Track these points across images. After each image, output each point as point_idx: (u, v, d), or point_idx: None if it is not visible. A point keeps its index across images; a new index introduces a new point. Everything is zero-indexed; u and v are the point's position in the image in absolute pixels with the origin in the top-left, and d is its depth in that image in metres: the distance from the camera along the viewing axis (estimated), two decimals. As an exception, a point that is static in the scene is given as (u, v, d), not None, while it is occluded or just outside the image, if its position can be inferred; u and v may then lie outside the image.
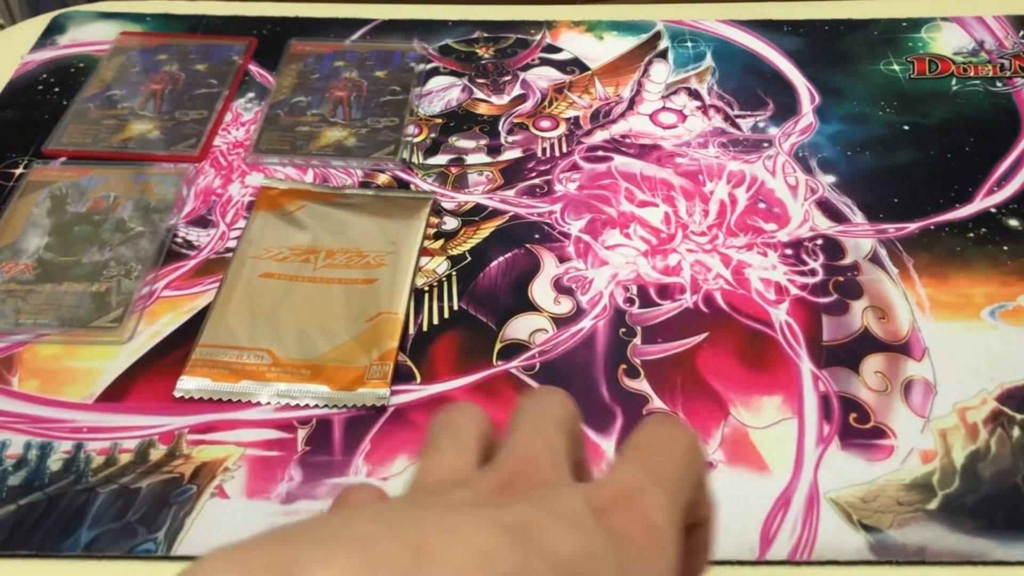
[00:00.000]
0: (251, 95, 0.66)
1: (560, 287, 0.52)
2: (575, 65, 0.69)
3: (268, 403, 0.46)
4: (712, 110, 0.64)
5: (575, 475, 0.23)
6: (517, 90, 0.66)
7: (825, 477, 0.43)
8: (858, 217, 0.56)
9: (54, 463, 0.44)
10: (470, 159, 0.61)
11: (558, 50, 0.70)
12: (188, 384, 0.47)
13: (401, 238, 0.54)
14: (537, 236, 0.55)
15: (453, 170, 0.60)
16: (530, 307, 0.51)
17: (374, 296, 0.51)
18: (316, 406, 0.46)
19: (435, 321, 0.50)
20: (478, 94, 0.66)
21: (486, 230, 0.56)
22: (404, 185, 0.59)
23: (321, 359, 0.47)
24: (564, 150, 0.61)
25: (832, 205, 0.57)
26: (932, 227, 0.56)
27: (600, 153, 0.61)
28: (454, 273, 0.53)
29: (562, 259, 0.54)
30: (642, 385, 0.47)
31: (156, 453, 0.44)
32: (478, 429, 0.26)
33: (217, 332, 0.49)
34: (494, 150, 0.61)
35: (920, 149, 0.61)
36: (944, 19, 0.72)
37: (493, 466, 0.23)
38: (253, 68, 0.68)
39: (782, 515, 0.42)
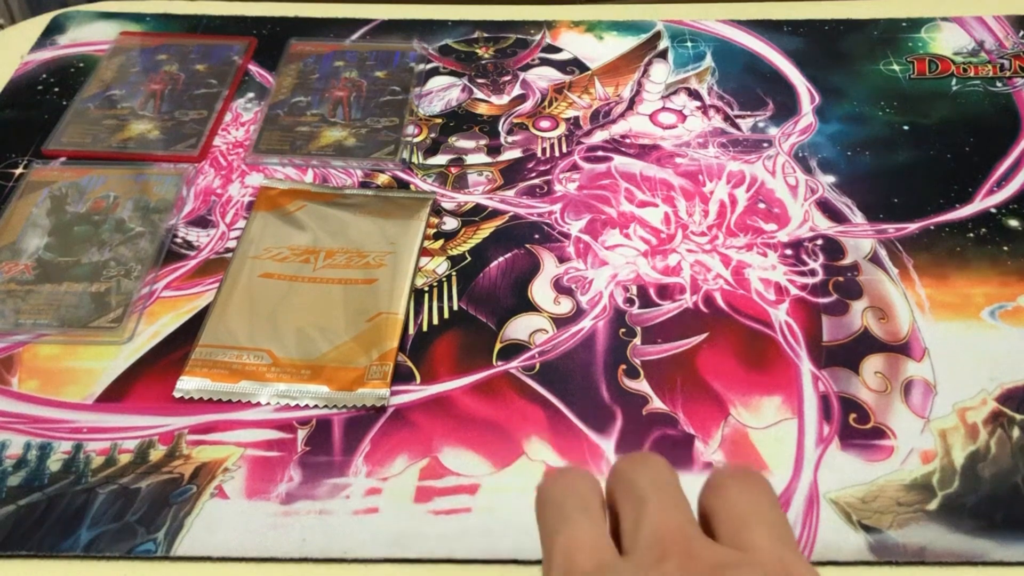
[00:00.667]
0: (251, 95, 0.66)
1: (560, 287, 0.52)
2: (575, 65, 0.69)
3: (268, 403, 0.46)
4: (712, 110, 0.64)
5: None
6: (517, 90, 0.66)
7: (825, 477, 0.43)
8: (858, 217, 0.56)
9: (54, 463, 0.44)
10: (470, 159, 0.61)
11: (558, 50, 0.70)
12: (188, 384, 0.47)
13: (401, 238, 0.54)
14: (537, 236, 0.55)
15: (453, 170, 0.60)
16: (530, 307, 0.51)
17: (374, 296, 0.51)
18: (316, 406, 0.46)
19: (435, 321, 0.50)
20: (478, 94, 0.66)
21: (486, 230, 0.56)
22: (404, 185, 0.59)
23: (321, 359, 0.47)
24: (564, 150, 0.61)
25: (832, 205, 0.57)
26: (932, 227, 0.56)
27: (600, 153, 0.61)
28: (454, 273, 0.53)
29: (562, 259, 0.54)
30: (642, 385, 0.47)
31: (156, 453, 0.44)
32: (599, 495, 0.26)
33: (217, 332, 0.49)
34: (494, 150, 0.61)
35: (920, 149, 0.61)
36: (944, 19, 0.72)
37: (653, 549, 0.23)
38: (253, 68, 0.68)
39: (782, 515, 0.42)
